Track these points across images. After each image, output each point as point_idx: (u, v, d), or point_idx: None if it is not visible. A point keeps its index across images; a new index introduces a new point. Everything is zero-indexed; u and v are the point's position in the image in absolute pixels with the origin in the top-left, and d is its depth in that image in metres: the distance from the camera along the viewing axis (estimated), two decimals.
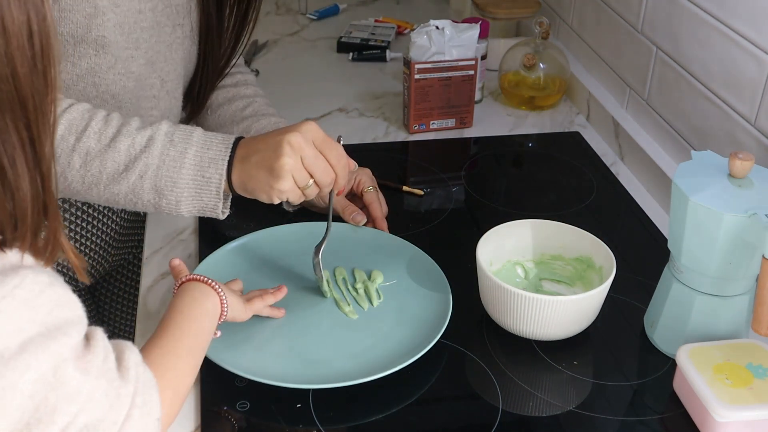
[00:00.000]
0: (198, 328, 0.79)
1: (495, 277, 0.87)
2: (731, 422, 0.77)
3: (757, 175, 0.83)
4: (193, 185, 0.87)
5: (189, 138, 0.88)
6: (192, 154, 0.87)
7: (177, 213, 0.89)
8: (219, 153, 0.87)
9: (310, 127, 0.87)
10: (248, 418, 0.82)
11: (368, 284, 0.97)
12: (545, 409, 0.84)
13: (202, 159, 0.87)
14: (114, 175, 0.86)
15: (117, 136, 0.86)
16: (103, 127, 0.87)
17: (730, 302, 0.85)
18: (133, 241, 1.20)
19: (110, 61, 0.93)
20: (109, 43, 0.92)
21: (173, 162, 0.86)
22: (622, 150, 1.30)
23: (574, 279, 0.97)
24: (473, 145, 1.35)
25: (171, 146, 0.87)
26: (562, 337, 0.90)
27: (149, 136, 0.87)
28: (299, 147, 0.85)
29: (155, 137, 0.87)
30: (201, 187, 0.87)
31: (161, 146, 0.87)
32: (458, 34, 1.31)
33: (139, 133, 0.87)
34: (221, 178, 0.87)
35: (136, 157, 0.86)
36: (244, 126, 1.10)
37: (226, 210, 0.90)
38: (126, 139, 0.86)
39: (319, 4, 1.89)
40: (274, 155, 0.85)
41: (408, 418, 0.83)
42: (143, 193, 0.87)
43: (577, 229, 0.96)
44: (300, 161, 0.85)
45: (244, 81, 1.18)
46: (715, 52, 1.07)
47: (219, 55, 1.10)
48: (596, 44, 1.44)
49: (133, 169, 0.86)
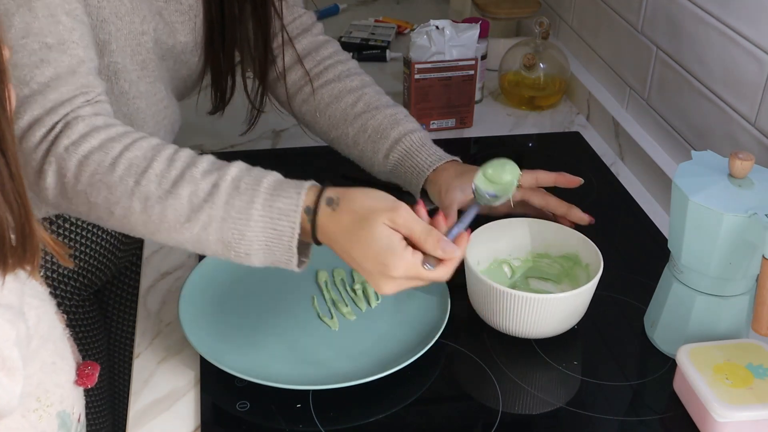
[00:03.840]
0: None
1: (482, 276, 0.87)
2: (731, 422, 0.77)
3: (757, 175, 0.83)
4: (263, 238, 0.77)
5: (257, 186, 0.77)
6: (260, 205, 0.77)
7: (249, 263, 0.80)
8: (290, 204, 0.77)
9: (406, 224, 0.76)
10: (248, 418, 0.82)
11: (366, 285, 0.97)
12: (545, 408, 0.84)
13: (271, 210, 0.77)
14: (175, 225, 0.77)
15: (179, 180, 0.77)
16: (166, 168, 0.78)
17: (730, 302, 0.85)
18: (137, 243, 1.20)
19: (123, 87, 0.93)
20: (120, 70, 0.92)
21: (239, 214, 0.77)
22: (622, 150, 1.30)
23: (561, 277, 0.97)
24: (473, 145, 1.35)
25: (237, 195, 0.77)
26: (551, 335, 0.90)
27: (214, 183, 0.77)
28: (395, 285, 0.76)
29: (220, 184, 0.77)
30: (272, 240, 0.77)
31: (226, 196, 0.77)
32: (458, 34, 1.31)
33: (204, 179, 0.78)
34: (294, 230, 0.76)
35: (199, 207, 0.77)
36: (358, 125, 1.04)
37: (305, 260, 0.81)
38: (189, 186, 0.77)
39: (319, 4, 1.89)
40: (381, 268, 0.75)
41: (408, 418, 0.83)
42: (209, 244, 0.78)
43: (563, 227, 0.96)
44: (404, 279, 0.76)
45: (346, 72, 1.09)
46: (715, 52, 1.07)
47: (249, 45, 1.05)
48: (596, 44, 1.44)
49: (196, 221, 0.77)
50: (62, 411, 0.69)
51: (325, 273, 0.99)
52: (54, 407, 0.68)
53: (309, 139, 1.26)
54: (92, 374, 0.73)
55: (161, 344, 0.91)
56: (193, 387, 0.86)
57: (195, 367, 0.88)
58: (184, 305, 0.91)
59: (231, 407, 0.82)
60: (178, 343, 0.91)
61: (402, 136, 1.04)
